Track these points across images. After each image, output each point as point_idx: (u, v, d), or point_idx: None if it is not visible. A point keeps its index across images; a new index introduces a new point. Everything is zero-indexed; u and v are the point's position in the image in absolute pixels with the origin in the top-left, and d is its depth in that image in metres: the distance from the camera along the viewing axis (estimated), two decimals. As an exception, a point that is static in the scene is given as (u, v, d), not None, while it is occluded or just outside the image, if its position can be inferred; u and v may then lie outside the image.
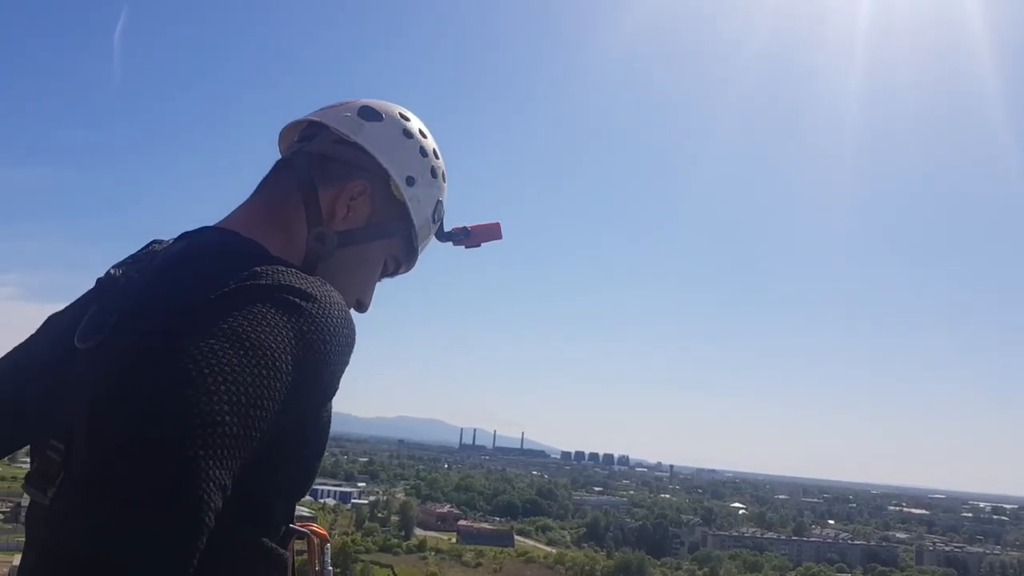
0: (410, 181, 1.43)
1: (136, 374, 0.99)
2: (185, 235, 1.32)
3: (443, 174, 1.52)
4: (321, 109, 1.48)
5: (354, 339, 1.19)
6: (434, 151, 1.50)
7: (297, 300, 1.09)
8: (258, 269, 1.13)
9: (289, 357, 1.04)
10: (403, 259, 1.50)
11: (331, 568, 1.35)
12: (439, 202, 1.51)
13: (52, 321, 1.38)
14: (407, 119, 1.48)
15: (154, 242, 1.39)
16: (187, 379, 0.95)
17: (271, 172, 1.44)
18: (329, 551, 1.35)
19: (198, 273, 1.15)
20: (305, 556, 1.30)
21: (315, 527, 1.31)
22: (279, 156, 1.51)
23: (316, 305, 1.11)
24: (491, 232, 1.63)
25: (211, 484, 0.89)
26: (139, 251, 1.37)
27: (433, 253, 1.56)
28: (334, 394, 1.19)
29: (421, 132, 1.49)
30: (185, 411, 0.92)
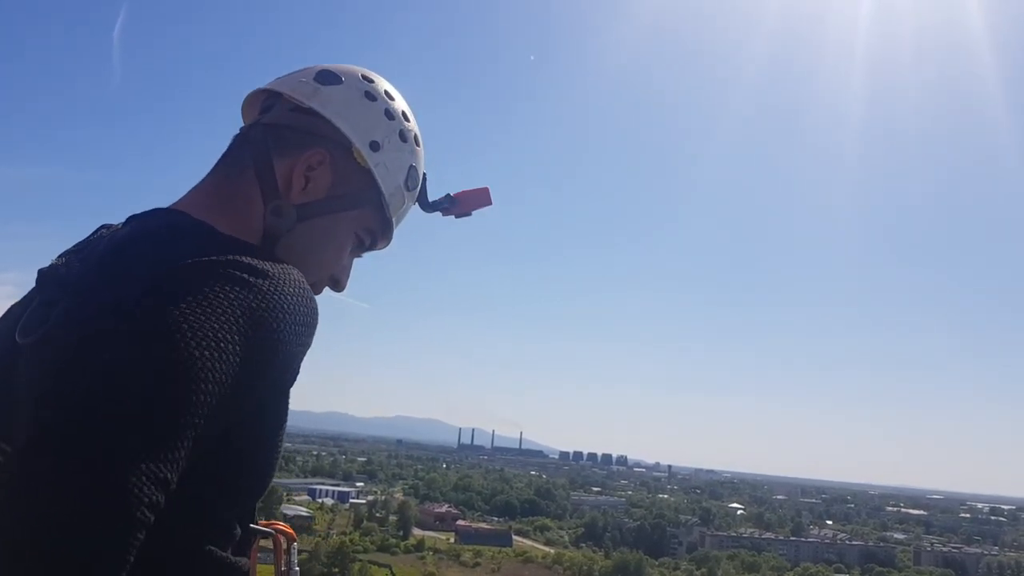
0: (375, 146, 1.32)
1: (71, 365, 0.95)
2: (132, 218, 1.25)
3: (416, 137, 1.40)
4: (279, 77, 1.39)
5: (315, 319, 1.12)
6: (403, 113, 1.38)
7: (245, 276, 1.03)
8: (203, 248, 1.07)
9: (237, 338, 0.97)
10: (378, 232, 1.39)
11: (298, 569, 1.29)
12: (412, 167, 1.39)
13: (5, 315, 1.29)
14: (370, 80, 1.37)
15: (102, 227, 1.29)
16: (120, 367, 0.90)
17: (228, 148, 1.34)
18: (296, 550, 1.28)
19: (140, 258, 1.09)
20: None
21: (281, 525, 1.25)
22: (245, 115, 1.45)
23: (268, 281, 1.04)
24: (480, 198, 1.51)
25: (144, 477, 0.84)
26: (86, 238, 1.28)
27: (433, 252, 1.66)
28: (293, 380, 1.12)
29: (387, 94, 1.38)
30: (117, 400, 0.88)
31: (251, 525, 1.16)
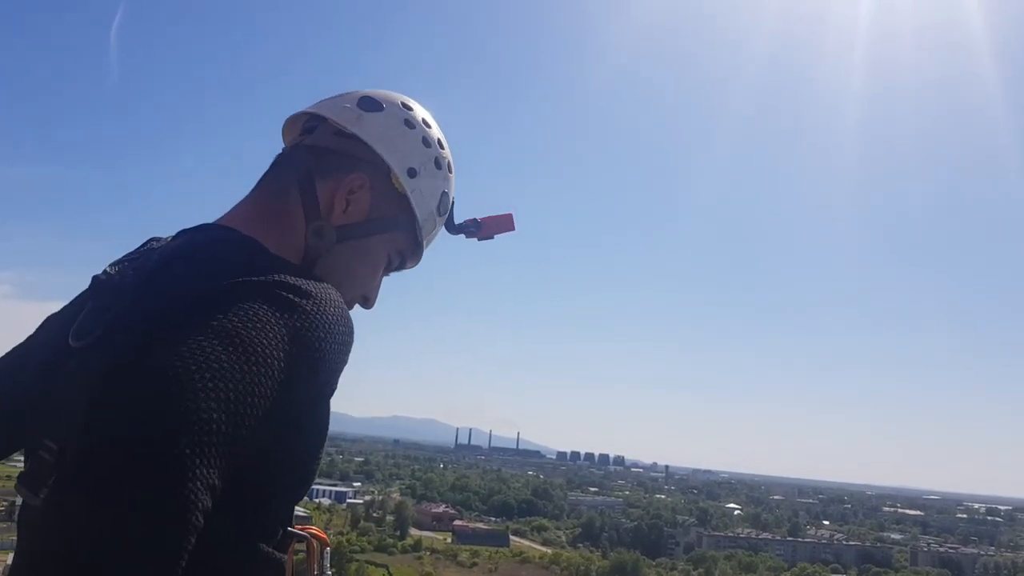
0: (412, 173, 1.38)
1: (125, 372, 0.98)
2: (182, 232, 1.30)
3: (449, 164, 1.46)
4: (321, 101, 1.43)
5: (352, 338, 1.16)
6: (439, 141, 1.44)
7: (291, 296, 1.07)
8: (252, 266, 1.11)
9: (282, 355, 1.01)
10: (408, 254, 1.45)
11: (330, 572, 1.33)
12: (444, 194, 1.46)
13: (49, 321, 1.35)
14: (409, 108, 1.43)
15: (152, 240, 1.35)
16: (173, 376, 0.93)
17: (270, 167, 1.40)
18: (329, 555, 1.32)
19: (192, 271, 1.14)
20: (302, 555, 1.26)
21: (315, 530, 1.29)
22: (286, 134, 1.49)
23: (311, 302, 1.09)
24: (503, 224, 1.58)
25: (198, 483, 0.88)
26: (136, 249, 1.33)
27: (431, 252, 1.52)
28: (332, 394, 1.16)
29: (424, 122, 1.43)
30: (171, 408, 0.91)
31: (289, 528, 1.20)
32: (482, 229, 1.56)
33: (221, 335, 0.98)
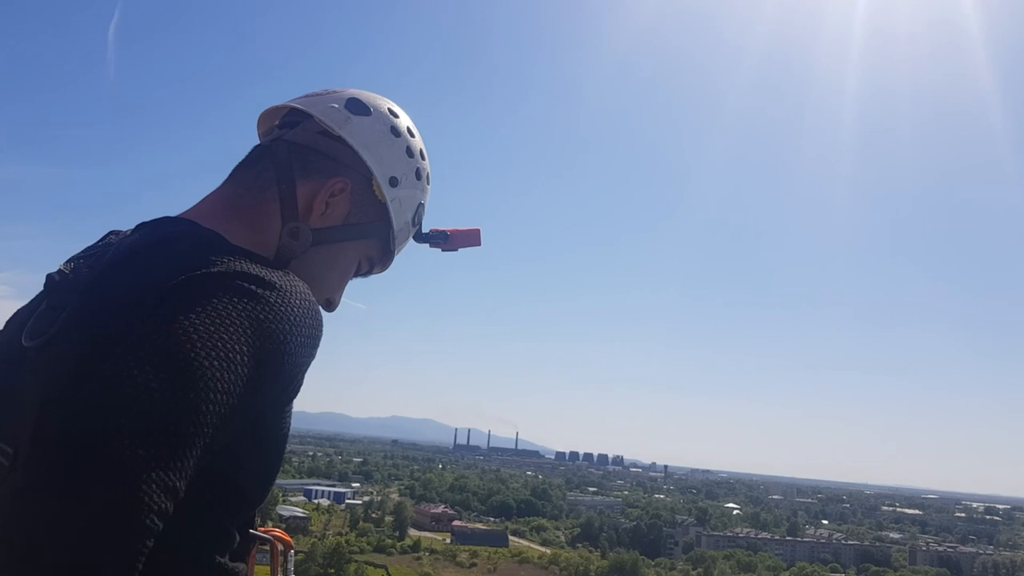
0: (393, 182, 1.36)
1: (79, 372, 0.95)
2: (141, 226, 1.25)
3: (428, 176, 1.45)
4: (306, 96, 1.40)
5: (320, 332, 1.13)
6: (421, 152, 1.43)
7: (254, 288, 1.04)
8: (213, 258, 1.07)
9: (245, 348, 0.98)
10: (378, 260, 1.43)
11: None
12: (420, 205, 1.45)
13: (10, 320, 1.29)
14: (396, 116, 1.41)
15: (111, 233, 1.30)
16: (127, 375, 0.90)
17: (247, 159, 1.35)
18: (293, 559, 1.27)
19: (150, 266, 1.09)
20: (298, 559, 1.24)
21: (278, 532, 1.24)
22: (261, 125, 1.46)
23: (275, 293, 1.05)
24: (470, 238, 1.57)
25: (154, 485, 0.84)
26: (94, 244, 1.28)
27: (429, 253, 1.53)
28: (297, 392, 1.13)
29: (409, 131, 1.42)
30: (126, 408, 0.87)
31: (250, 531, 1.16)
32: (449, 241, 1.55)
33: (180, 331, 0.95)
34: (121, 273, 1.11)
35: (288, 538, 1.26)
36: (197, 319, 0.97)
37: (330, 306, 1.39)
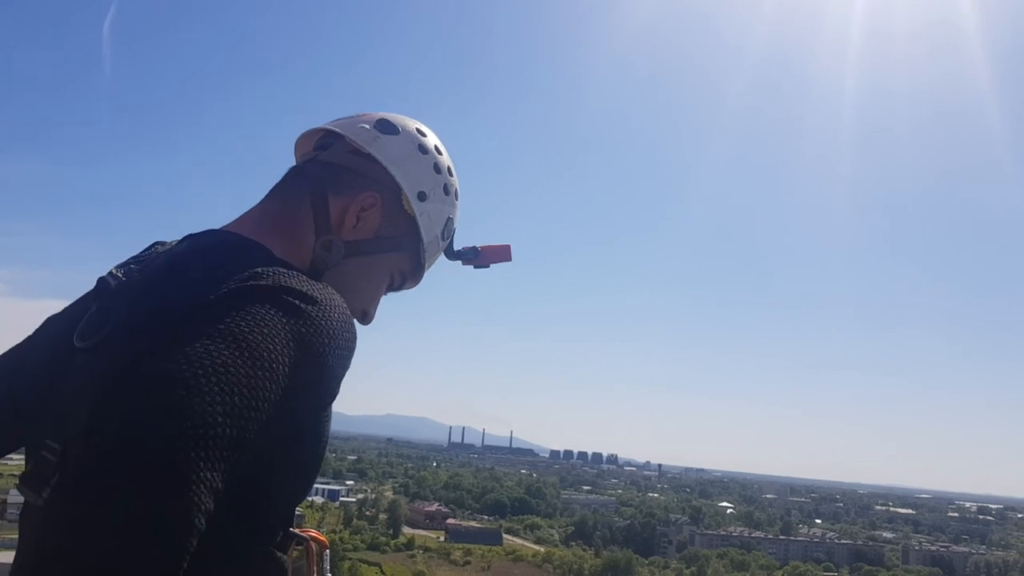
0: (422, 196, 1.42)
1: (130, 374, 0.98)
2: (189, 237, 1.31)
3: (456, 192, 1.51)
4: (338, 119, 1.47)
5: (355, 344, 1.18)
6: (448, 168, 1.49)
7: (297, 302, 1.08)
8: (259, 270, 1.12)
9: (287, 359, 1.02)
10: (409, 274, 1.49)
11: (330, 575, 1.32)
12: (450, 219, 1.50)
13: (50, 322, 1.36)
14: (424, 134, 1.47)
15: (157, 243, 1.37)
16: (180, 379, 0.94)
17: (284, 178, 1.43)
18: (328, 558, 1.32)
19: (199, 274, 1.14)
20: (299, 555, 1.26)
21: (314, 533, 1.29)
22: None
23: (316, 307, 1.10)
24: (501, 254, 1.63)
25: (201, 486, 0.89)
26: (142, 252, 1.35)
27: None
28: (333, 399, 1.18)
29: (437, 148, 1.48)
30: (176, 411, 0.91)
31: (290, 529, 1.21)
32: (480, 257, 1.60)
33: (227, 339, 0.99)
34: (174, 279, 1.16)
35: (323, 538, 1.31)
36: (247, 328, 1.01)
37: (365, 318, 1.44)
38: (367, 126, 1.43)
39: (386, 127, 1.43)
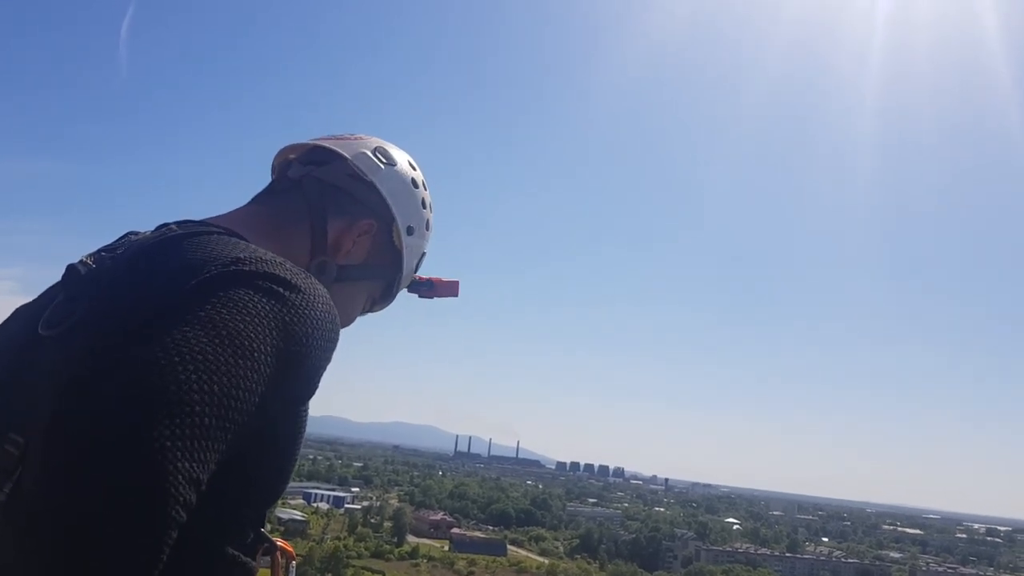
0: (410, 231, 1.46)
1: (104, 361, 0.93)
2: (164, 225, 1.26)
3: (431, 226, 1.55)
4: (333, 137, 1.47)
5: (338, 335, 1.15)
6: (430, 204, 1.53)
7: (280, 289, 1.05)
8: (241, 256, 1.08)
9: (269, 347, 0.99)
10: (378, 301, 1.53)
11: None
12: (423, 254, 1.55)
13: (18, 312, 1.27)
14: (414, 168, 1.50)
15: (130, 233, 1.29)
16: (157, 366, 0.89)
17: (277, 187, 1.42)
18: (294, 569, 1.27)
19: (176, 261, 1.09)
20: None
21: (281, 542, 1.23)
22: (278, 156, 1.50)
23: (300, 296, 1.06)
24: (450, 289, 1.70)
25: (180, 476, 0.84)
26: (113, 242, 1.28)
27: (432, 259, 1.60)
28: (313, 393, 1.14)
29: (424, 184, 1.51)
30: (153, 399, 0.86)
31: (260, 531, 1.16)
32: (431, 289, 1.67)
33: (207, 325, 0.95)
34: (149, 266, 1.11)
35: (290, 548, 1.26)
36: (228, 314, 0.97)
37: None
38: (367, 152, 1.44)
39: (386, 157, 1.46)
